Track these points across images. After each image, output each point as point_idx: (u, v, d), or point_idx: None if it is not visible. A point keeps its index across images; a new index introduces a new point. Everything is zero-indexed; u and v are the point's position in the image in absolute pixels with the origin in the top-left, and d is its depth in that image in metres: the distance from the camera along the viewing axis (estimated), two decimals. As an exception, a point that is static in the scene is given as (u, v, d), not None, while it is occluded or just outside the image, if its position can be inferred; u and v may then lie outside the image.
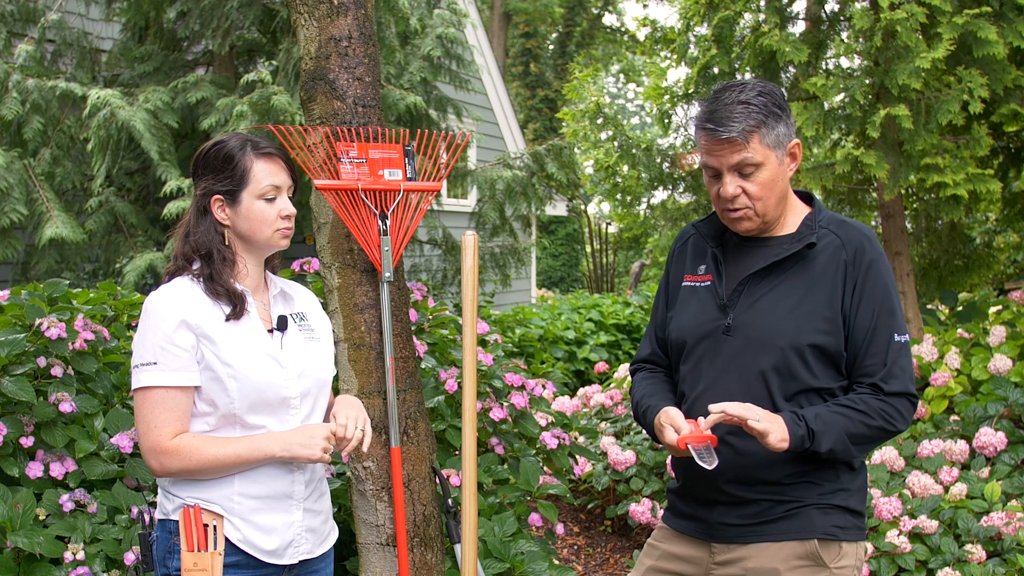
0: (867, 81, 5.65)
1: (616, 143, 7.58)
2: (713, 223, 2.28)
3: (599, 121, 7.79)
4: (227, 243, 2.12)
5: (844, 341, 2.10)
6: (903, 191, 6.32)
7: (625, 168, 7.57)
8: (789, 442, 2.00)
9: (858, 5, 5.93)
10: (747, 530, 2.13)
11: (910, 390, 2.10)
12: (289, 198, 2.16)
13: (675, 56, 7.05)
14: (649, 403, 2.24)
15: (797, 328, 2.08)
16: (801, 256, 2.13)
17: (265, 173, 2.11)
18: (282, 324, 2.15)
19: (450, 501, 3.09)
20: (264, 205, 2.11)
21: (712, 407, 2.00)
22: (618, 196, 7.87)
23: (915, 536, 3.94)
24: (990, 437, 4.44)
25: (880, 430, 2.07)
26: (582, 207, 19.56)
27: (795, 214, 2.20)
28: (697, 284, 2.24)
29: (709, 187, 2.16)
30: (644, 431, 2.33)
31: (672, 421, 2.07)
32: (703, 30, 6.72)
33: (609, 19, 30.36)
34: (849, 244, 2.13)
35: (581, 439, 5.42)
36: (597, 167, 7.78)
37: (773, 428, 1.99)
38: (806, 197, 2.26)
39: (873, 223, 7.95)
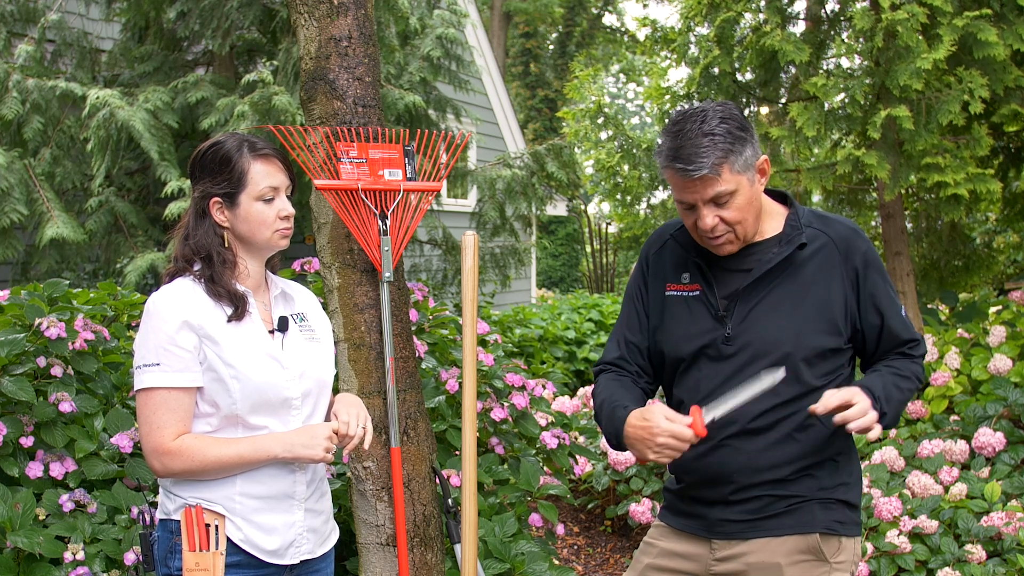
0: (867, 81, 5.64)
1: (617, 143, 7.58)
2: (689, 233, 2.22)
3: (600, 121, 7.80)
4: (227, 245, 2.12)
5: (849, 335, 2.12)
6: (903, 191, 6.31)
7: (626, 168, 7.57)
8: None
9: (859, 5, 5.92)
10: (748, 525, 2.13)
11: (925, 347, 2.24)
12: (288, 197, 2.16)
13: (675, 56, 7.04)
14: (617, 403, 2.15)
15: (799, 332, 2.08)
16: (792, 258, 2.12)
17: (263, 174, 2.10)
18: (283, 325, 2.15)
19: (450, 501, 3.09)
20: (263, 206, 2.10)
21: (815, 408, 1.97)
22: (618, 196, 7.87)
23: (915, 536, 3.94)
24: (990, 437, 4.45)
25: (914, 390, 2.18)
26: (582, 207, 19.55)
27: (774, 216, 2.18)
28: (685, 294, 2.20)
29: (684, 218, 2.11)
30: (604, 436, 2.20)
31: (676, 429, 1.99)
32: (704, 30, 6.72)
33: (609, 19, 30.36)
34: (840, 241, 2.14)
35: (581, 439, 5.42)
36: (598, 167, 7.79)
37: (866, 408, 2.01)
38: (779, 196, 2.23)
39: (873, 223, 7.95)
